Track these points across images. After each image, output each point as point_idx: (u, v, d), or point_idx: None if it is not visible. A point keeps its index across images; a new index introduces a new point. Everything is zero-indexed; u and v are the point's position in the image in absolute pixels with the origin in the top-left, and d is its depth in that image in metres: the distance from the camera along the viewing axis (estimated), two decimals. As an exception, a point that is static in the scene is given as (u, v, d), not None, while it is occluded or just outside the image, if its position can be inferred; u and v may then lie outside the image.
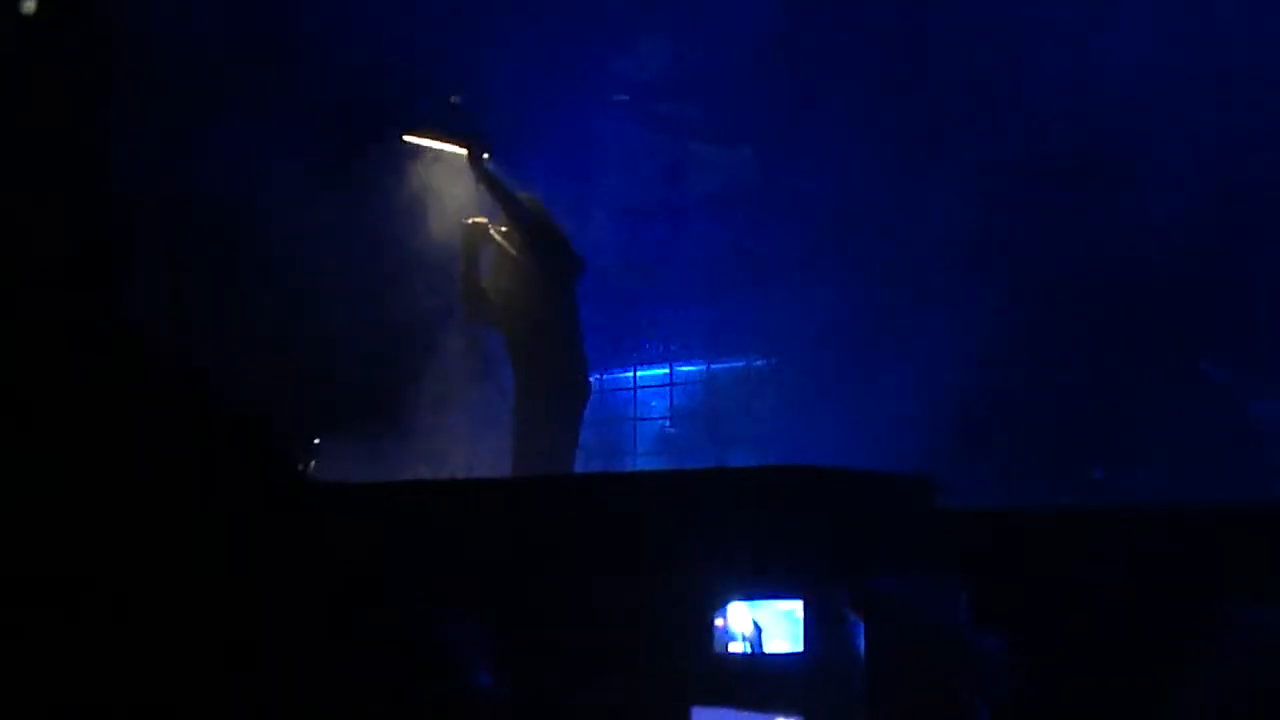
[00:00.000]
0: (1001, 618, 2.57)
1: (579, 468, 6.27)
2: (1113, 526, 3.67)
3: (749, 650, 1.40)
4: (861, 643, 1.27)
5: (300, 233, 7.61)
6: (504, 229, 6.08)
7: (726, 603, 1.44)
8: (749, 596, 1.44)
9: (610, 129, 8.06)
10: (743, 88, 8.08)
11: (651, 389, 9.39)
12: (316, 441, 7.23)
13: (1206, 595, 2.87)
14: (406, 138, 6.36)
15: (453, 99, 6.21)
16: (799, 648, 1.47)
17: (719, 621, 1.39)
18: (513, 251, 6.06)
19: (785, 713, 0.77)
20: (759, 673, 0.84)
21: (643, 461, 8.98)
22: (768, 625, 1.47)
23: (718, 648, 1.37)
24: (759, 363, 8.79)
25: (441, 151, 6.40)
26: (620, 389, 9.37)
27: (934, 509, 3.99)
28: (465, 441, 7.36)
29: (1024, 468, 6.64)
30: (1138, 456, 6.78)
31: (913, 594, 2.18)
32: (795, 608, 1.47)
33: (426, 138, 6.28)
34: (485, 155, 6.00)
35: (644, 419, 9.36)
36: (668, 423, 9.25)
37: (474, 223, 6.11)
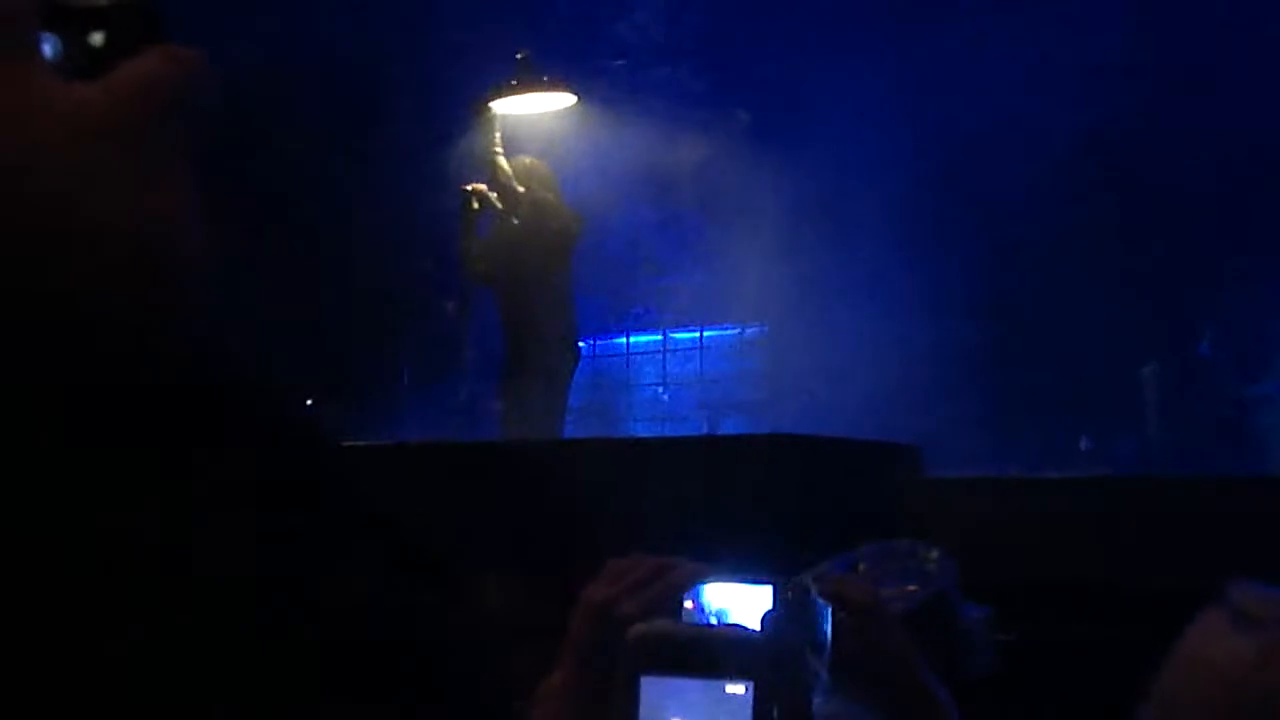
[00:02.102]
0: (987, 589, 2.56)
1: (570, 433, 6.27)
2: (1101, 497, 3.66)
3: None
4: (829, 626, 1.26)
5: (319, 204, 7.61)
6: (500, 193, 6.07)
7: (700, 584, 1.41)
8: (722, 577, 1.40)
9: (605, 94, 8.02)
10: (738, 52, 8.03)
11: (644, 355, 9.38)
12: (309, 403, 7.23)
13: (1195, 568, 2.86)
14: (494, 105, 6.18)
15: (519, 54, 6.18)
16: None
17: (688, 604, 1.36)
18: (510, 216, 6.06)
19: (734, 679, 0.73)
20: (710, 639, 0.80)
21: (635, 428, 8.97)
22: (735, 606, 1.44)
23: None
24: (753, 329, 8.77)
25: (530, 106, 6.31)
26: (613, 355, 9.35)
27: (922, 478, 3.99)
28: (459, 404, 7.36)
29: (1014, 437, 6.64)
30: (1125, 428, 6.79)
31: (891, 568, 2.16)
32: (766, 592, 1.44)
33: (513, 94, 6.17)
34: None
35: (637, 385, 9.36)
36: (660, 389, 9.25)
37: (473, 188, 6.10)
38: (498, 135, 6.00)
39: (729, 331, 8.96)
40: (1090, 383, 6.97)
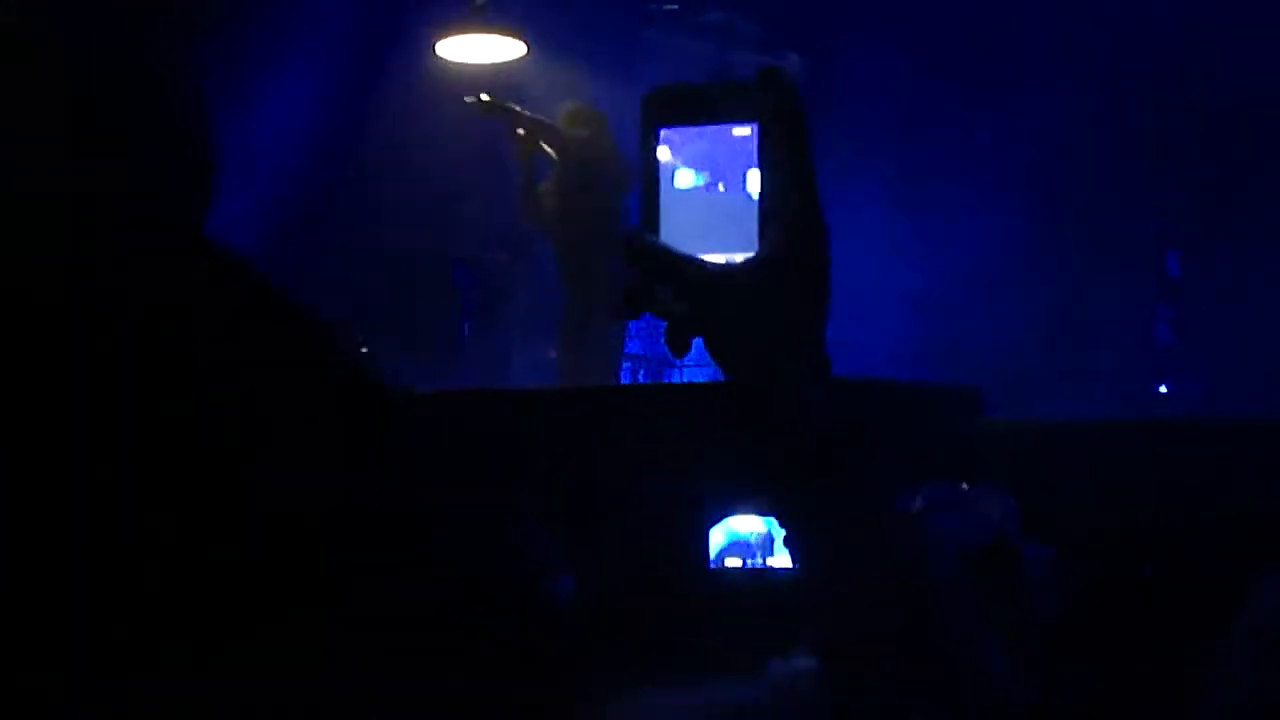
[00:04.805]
0: (1051, 531, 2.54)
1: (625, 378, 6.28)
2: (1166, 439, 3.62)
3: (749, 564, 1.37)
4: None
5: (346, 143, 7.61)
6: (550, 137, 6.05)
7: (723, 516, 1.41)
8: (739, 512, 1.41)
9: (658, 39, 7.96)
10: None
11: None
12: (364, 350, 7.27)
13: (1265, 511, 2.83)
14: (439, 48, 6.34)
15: (478, 1, 6.16)
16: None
17: (714, 537, 1.37)
18: (561, 162, 6.04)
19: (740, 122, 0.79)
20: (715, 89, 0.84)
21: (688, 373, 8.96)
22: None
23: (713, 563, 1.33)
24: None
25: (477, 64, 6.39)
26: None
27: (983, 420, 3.95)
28: (512, 353, 7.39)
29: (1078, 379, 6.57)
30: (1192, 369, 6.70)
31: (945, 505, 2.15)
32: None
33: (463, 33, 6.26)
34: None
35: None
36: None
37: (525, 133, 6.07)
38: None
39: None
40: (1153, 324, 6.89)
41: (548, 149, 6.02)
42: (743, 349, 0.91)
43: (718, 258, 0.92)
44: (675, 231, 0.94)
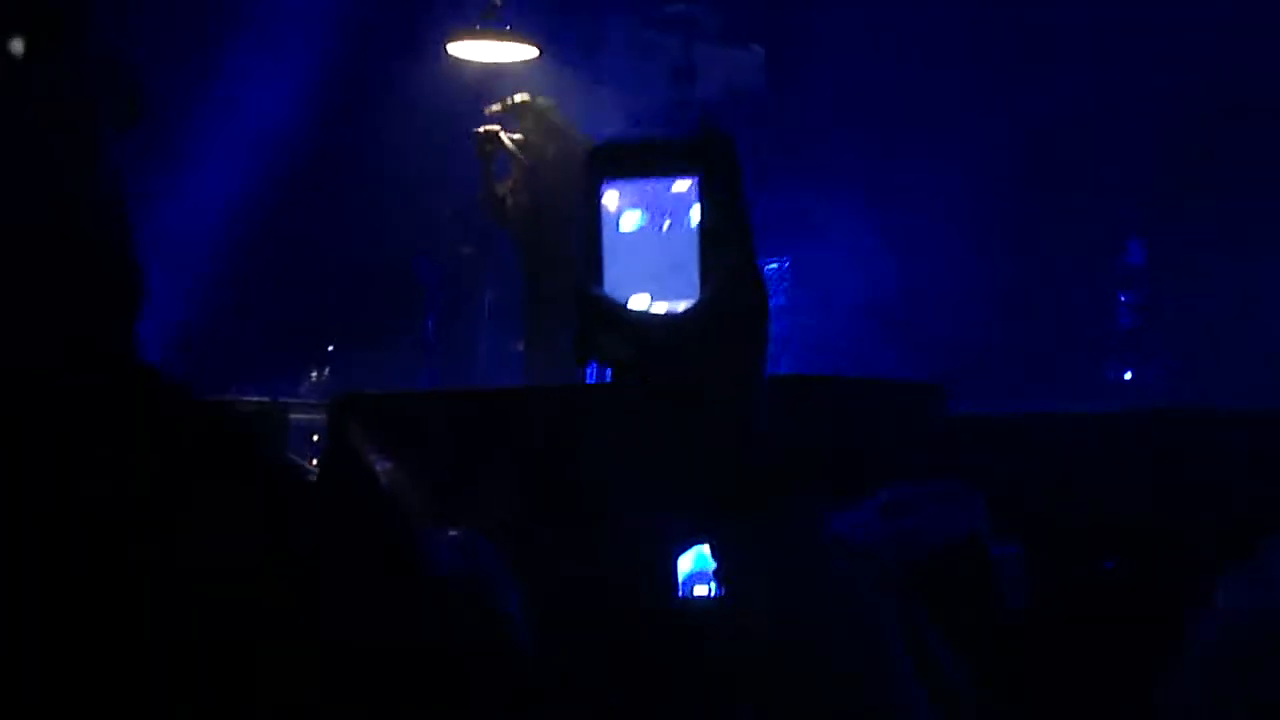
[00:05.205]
0: (1016, 528, 2.52)
1: (592, 374, 6.25)
2: (1132, 431, 3.61)
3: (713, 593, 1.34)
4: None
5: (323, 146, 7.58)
6: (516, 137, 6.04)
7: (689, 545, 1.38)
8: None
9: (619, 31, 7.93)
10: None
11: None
12: (330, 349, 7.24)
13: (1239, 510, 2.82)
14: (451, 48, 6.35)
15: (495, 1, 6.19)
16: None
17: (682, 564, 1.34)
18: (524, 160, 6.03)
19: (681, 176, 0.87)
20: (656, 145, 0.89)
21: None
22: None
23: (681, 592, 1.31)
24: (772, 265, 8.71)
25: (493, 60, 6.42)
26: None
27: (948, 416, 3.93)
28: (478, 348, 7.37)
29: (1040, 371, 6.59)
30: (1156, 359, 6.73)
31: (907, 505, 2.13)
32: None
33: (476, 40, 6.30)
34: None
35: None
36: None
37: (485, 130, 6.07)
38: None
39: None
40: (1118, 314, 6.91)
41: (510, 146, 6.01)
42: (685, 394, 0.94)
43: (661, 305, 0.95)
44: (620, 272, 0.97)
